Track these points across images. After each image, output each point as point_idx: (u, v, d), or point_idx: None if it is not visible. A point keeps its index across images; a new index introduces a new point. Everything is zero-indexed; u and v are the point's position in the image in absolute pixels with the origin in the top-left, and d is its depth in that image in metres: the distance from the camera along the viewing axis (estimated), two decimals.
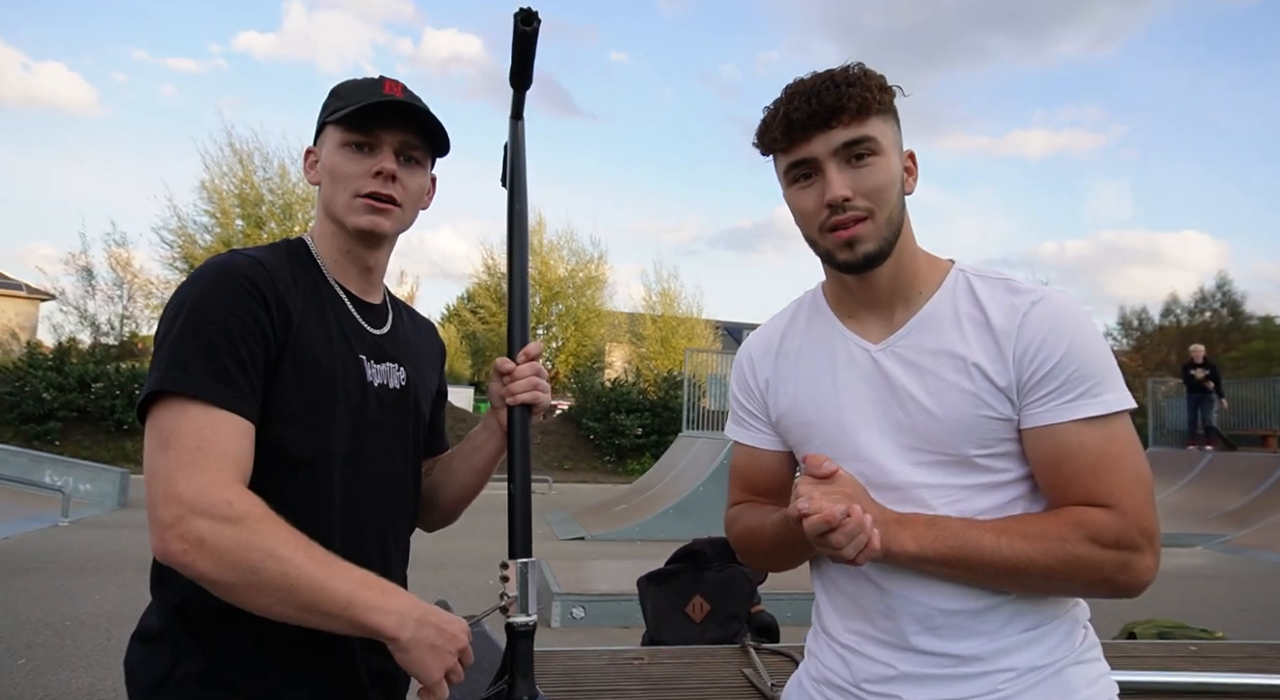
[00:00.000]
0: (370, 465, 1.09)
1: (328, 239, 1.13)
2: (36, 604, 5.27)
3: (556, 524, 10.43)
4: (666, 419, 20.42)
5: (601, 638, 4.94)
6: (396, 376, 1.15)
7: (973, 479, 0.98)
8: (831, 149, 0.94)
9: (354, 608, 0.89)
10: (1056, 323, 0.95)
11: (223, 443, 0.91)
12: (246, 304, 0.97)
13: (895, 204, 0.97)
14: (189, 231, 20.79)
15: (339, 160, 1.09)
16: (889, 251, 0.98)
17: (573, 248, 26.73)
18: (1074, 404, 0.94)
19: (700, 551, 2.61)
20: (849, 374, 1.04)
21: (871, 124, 0.95)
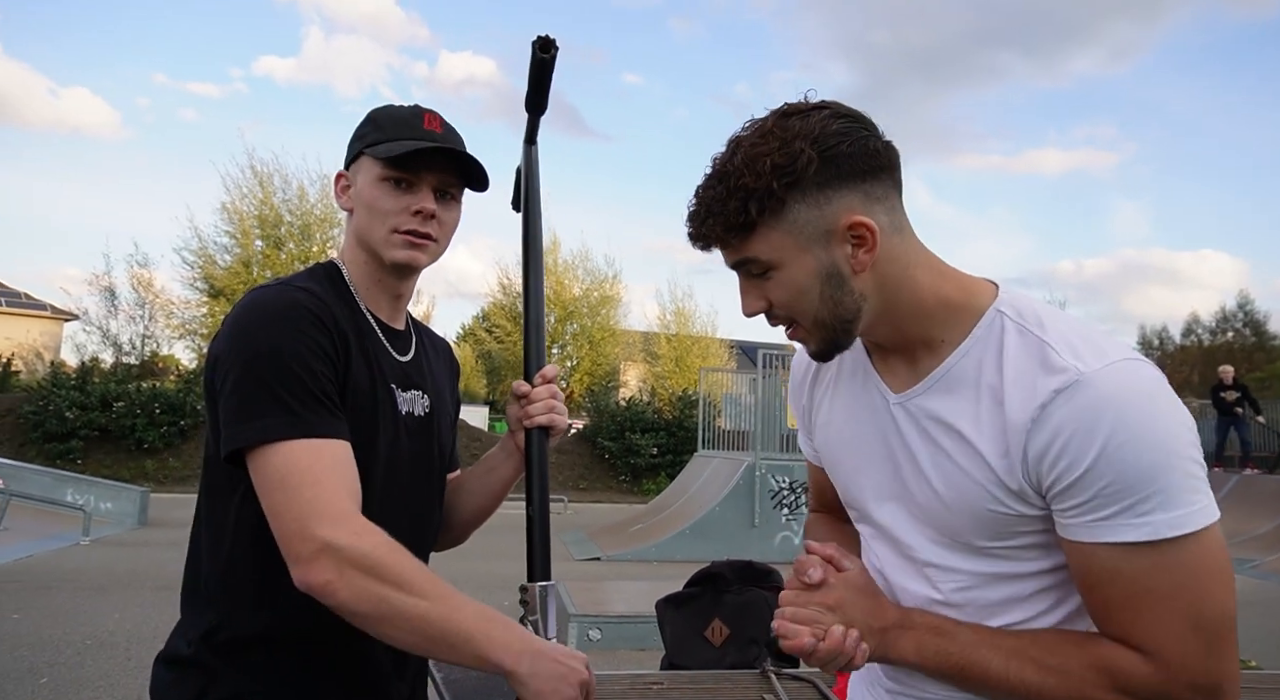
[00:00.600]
0: (403, 493, 1.11)
1: (360, 267, 1.14)
2: (58, 622, 5.31)
3: (572, 544, 10.39)
4: (682, 438, 20.35)
5: (619, 660, 4.90)
6: (421, 404, 1.16)
7: (986, 567, 0.86)
8: (730, 265, 0.86)
9: (475, 642, 0.91)
10: (1088, 421, 0.74)
11: (332, 473, 0.94)
12: (315, 337, 0.99)
13: (821, 306, 0.83)
14: (209, 252, 21.12)
15: (378, 195, 1.09)
16: (844, 342, 0.86)
17: (587, 267, 26.89)
18: (1108, 524, 0.75)
19: (720, 574, 2.60)
20: (869, 425, 0.93)
21: (754, 241, 0.81)
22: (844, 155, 0.80)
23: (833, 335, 0.85)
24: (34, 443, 16.30)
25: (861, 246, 0.82)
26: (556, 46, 1.10)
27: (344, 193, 1.14)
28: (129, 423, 16.81)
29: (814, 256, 0.82)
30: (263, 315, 0.99)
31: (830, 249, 0.82)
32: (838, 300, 0.83)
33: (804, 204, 0.80)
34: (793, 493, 10.41)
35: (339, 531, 0.91)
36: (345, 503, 0.94)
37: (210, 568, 1.04)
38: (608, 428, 21.50)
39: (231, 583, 1.02)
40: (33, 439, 16.40)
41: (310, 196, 21.45)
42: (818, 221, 0.81)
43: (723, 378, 16.43)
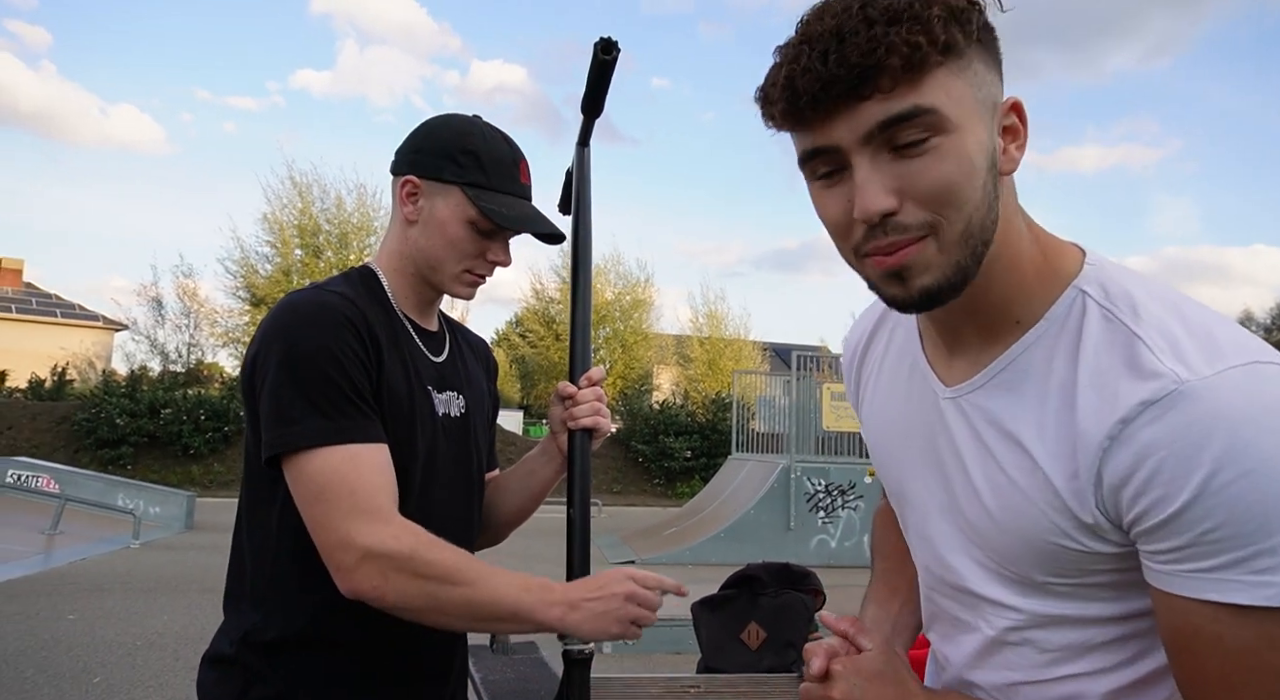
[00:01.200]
0: (442, 492, 1.12)
1: (403, 277, 1.13)
2: (110, 624, 5.46)
3: (607, 547, 10.40)
4: (715, 441, 20.25)
5: (654, 664, 4.89)
6: (457, 404, 1.16)
7: (1047, 606, 0.69)
8: (862, 134, 0.59)
9: (520, 613, 0.97)
10: (1189, 445, 0.56)
11: (368, 478, 0.96)
12: (348, 340, 0.99)
13: (979, 204, 0.61)
14: (251, 261, 21.61)
15: (462, 235, 1.09)
16: (966, 280, 0.63)
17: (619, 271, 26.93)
18: (1212, 578, 0.57)
19: (755, 577, 2.58)
20: (916, 421, 0.77)
21: (930, 85, 0.58)
22: (995, 35, 0.63)
23: (967, 258, 0.62)
24: (87, 449, 16.83)
25: (1013, 140, 0.64)
26: (619, 48, 1.08)
27: (410, 200, 1.10)
28: (176, 429, 17.28)
29: (985, 128, 0.61)
30: (296, 318, 1.00)
31: (993, 129, 0.62)
32: (991, 202, 0.62)
33: (981, 60, 0.61)
34: (828, 495, 10.29)
35: (378, 537, 0.93)
36: (382, 507, 0.95)
37: (253, 570, 1.05)
38: (641, 431, 21.48)
39: (274, 585, 1.03)
40: (86, 445, 16.94)
41: (347, 205, 21.87)
42: (989, 86, 0.62)
43: (756, 380, 16.32)
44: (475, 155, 1.09)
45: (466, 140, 1.10)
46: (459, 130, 1.12)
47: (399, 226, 1.13)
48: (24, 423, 18.01)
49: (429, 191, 1.10)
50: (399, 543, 0.94)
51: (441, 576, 0.95)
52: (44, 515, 9.41)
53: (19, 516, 9.88)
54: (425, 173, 1.10)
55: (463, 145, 1.10)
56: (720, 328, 27.15)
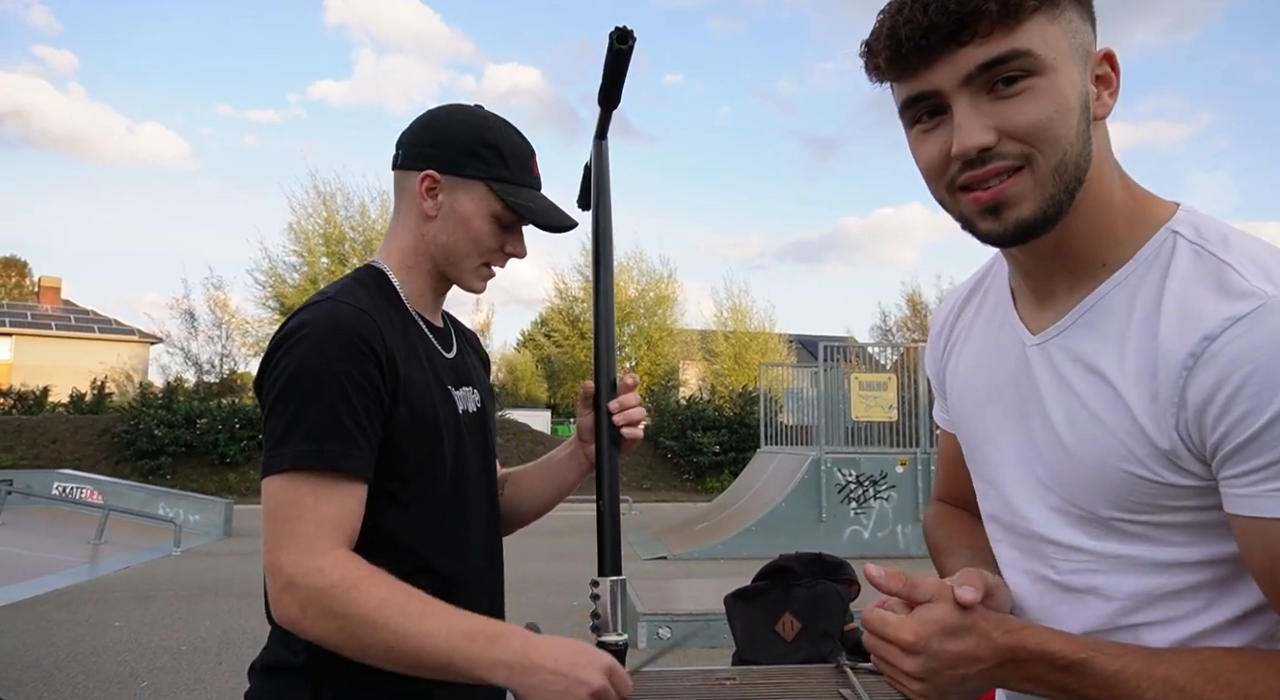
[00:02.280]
0: (472, 488, 1.11)
1: (418, 274, 1.11)
2: (154, 629, 5.59)
3: (638, 544, 10.41)
4: (744, 435, 20.19)
5: (690, 658, 4.89)
6: (473, 399, 1.15)
7: (1115, 547, 0.68)
8: (962, 77, 0.63)
9: (455, 664, 0.88)
10: (1275, 357, 0.57)
11: (322, 509, 0.91)
12: (360, 363, 0.95)
13: (1073, 142, 0.63)
14: (278, 271, 21.98)
15: (486, 230, 1.09)
16: (1059, 214, 0.65)
17: (642, 268, 26.93)
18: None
19: (788, 568, 2.56)
20: (1002, 373, 0.77)
21: (1027, 30, 0.62)
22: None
23: (1061, 193, 0.64)
24: (128, 460, 17.25)
25: (1106, 88, 0.67)
26: (634, 37, 1.05)
27: (430, 195, 1.08)
28: (212, 438, 17.63)
29: (1079, 72, 0.64)
30: (309, 335, 0.96)
31: (1086, 74, 0.65)
32: (1085, 141, 0.64)
33: (1075, 9, 0.65)
34: (860, 486, 10.20)
35: (301, 568, 0.89)
36: (319, 539, 0.90)
37: None
38: (669, 427, 21.48)
39: None
40: (126, 457, 17.36)
41: (371, 213, 22.14)
42: (1083, 34, 0.65)
43: (783, 372, 16.22)
44: (497, 149, 1.09)
45: (486, 134, 1.09)
46: (475, 123, 1.10)
47: (413, 222, 1.10)
48: (67, 436, 18.49)
49: (449, 186, 1.08)
50: (321, 577, 0.88)
51: (360, 617, 0.87)
52: (89, 526, 9.66)
53: (66, 527, 10.15)
54: (446, 168, 1.08)
55: (484, 139, 1.09)
56: (745, 321, 27.05)
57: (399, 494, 1.01)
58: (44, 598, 6.64)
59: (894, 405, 11.05)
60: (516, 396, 31.41)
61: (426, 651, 0.87)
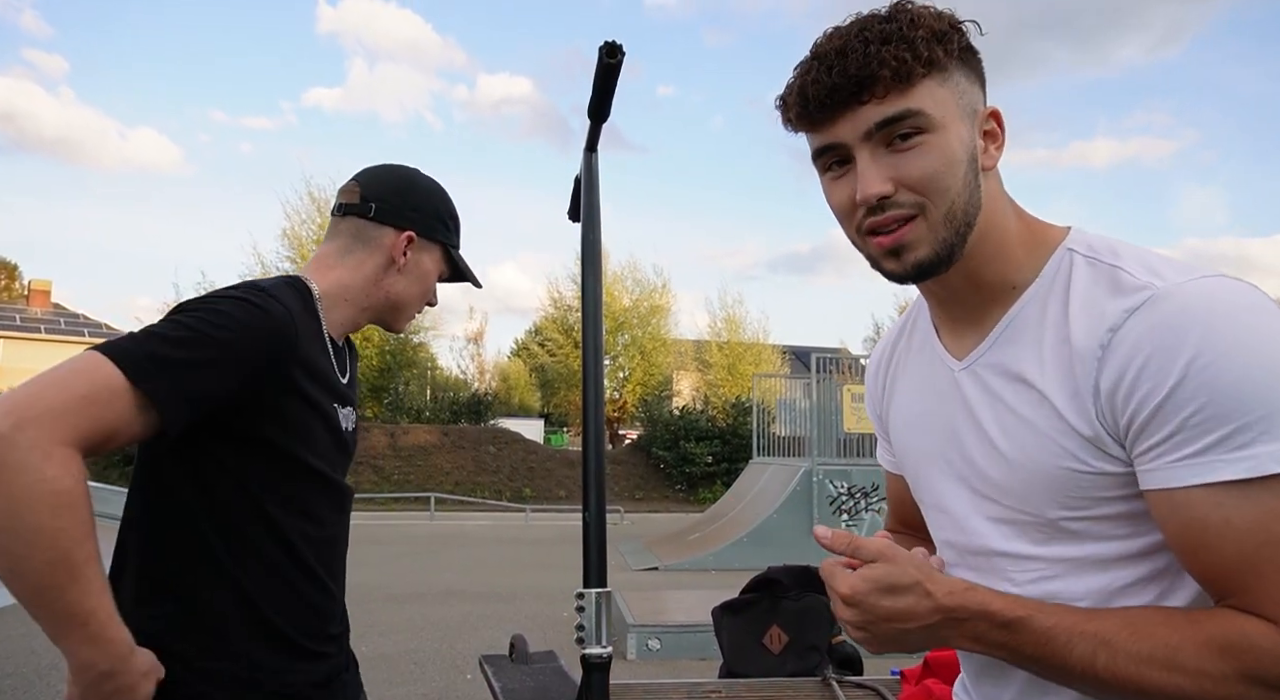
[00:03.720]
0: (340, 498, 1.19)
1: (346, 306, 1.18)
2: None
3: (629, 554, 10.39)
4: (736, 446, 20.20)
5: (678, 670, 4.87)
6: (351, 419, 1.22)
7: (1064, 549, 0.72)
8: (862, 132, 0.71)
9: (91, 621, 0.83)
10: (1171, 333, 0.63)
11: (104, 411, 0.84)
12: (251, 352, 0.96)
13: (960, 191, 0.71)
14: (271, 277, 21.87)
15: (431, 286, 1.29)
16: (954, 255, 0.73)
17: (636, 278, 27.01)
18: (1200, 461, 0.62)
19: (776, 580, 2.56)
20: (935, 402, 0.83)
21: (918, 93, 0.70)
22: (977, 57, 0.75)
23: (953, 237, 0.72)
24: (115, 466, 17.13)
25: (993, 142, 0.75)
26: (624, 52, 1.09)
27: (405, 253, 1.22)
28: None
29: (966, 129, 0.72)
30: (238, 301, 0.98)
31: (974, 131, 0.73)
32: (973, 190, 0.72)
33: (962, 74, 0.73)
34: (851, 498, 10.22)
35: (27, 435, 0.79)
36: (69, 425, 0.82)
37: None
38: (662, 437, 21.48)
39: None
40: (114, 462, 17.24)
41: None
42: (970, 95, 0.73)
43: (776, 383, 16.25)
44: (456, 220, 1.30)
45: (446, 205, 1.29)
46: (440, 194, 1.29)
47: (373, 269, 1.20)
48: None
49: (419, 247, 1.24)
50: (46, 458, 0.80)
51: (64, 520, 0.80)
52: None
53: None
54: (424, 232, 1.24)
55: (449, 210, 1.29)
56: (739, 332, 27.13)
57: (268, 480, 1.03)
58: None
59: None
60: (509, 405, 31.36)
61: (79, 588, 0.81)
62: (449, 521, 14.92)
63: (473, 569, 8.79)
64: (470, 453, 21.59)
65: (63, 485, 0.81)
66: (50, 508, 0.80)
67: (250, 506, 1.02)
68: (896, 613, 0.69)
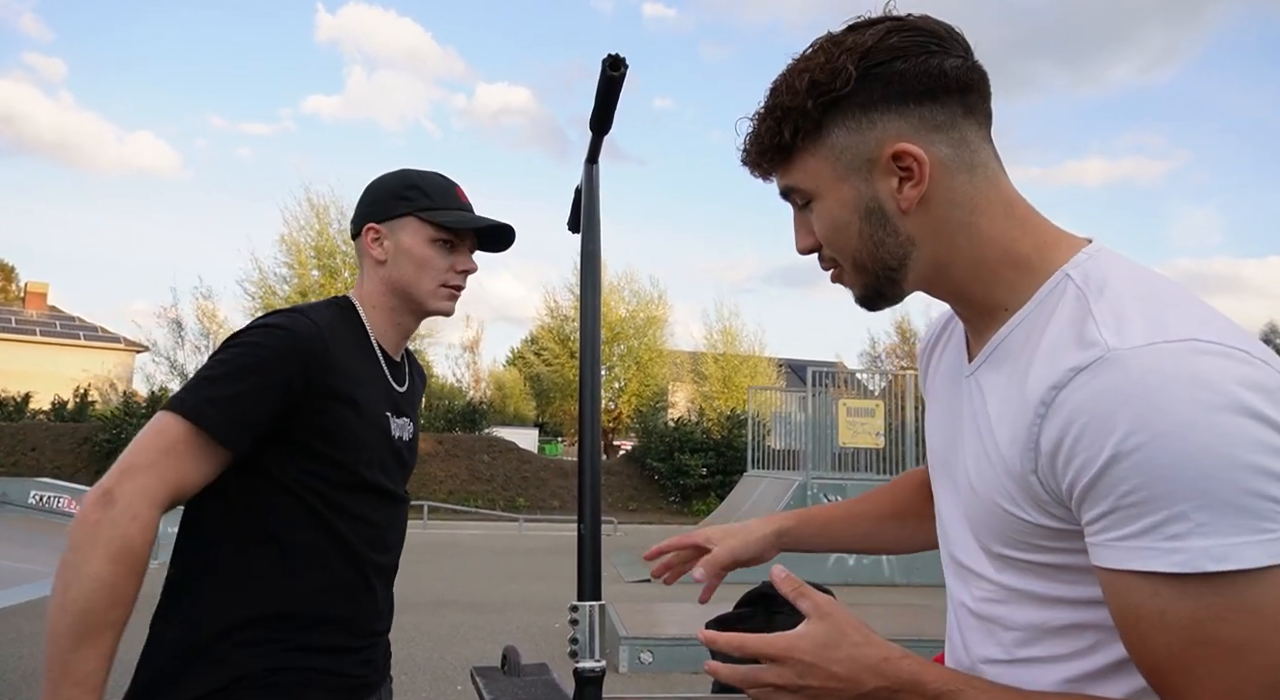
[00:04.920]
0: (389, 507, 1.25)
1: (382, 312, 1.28)
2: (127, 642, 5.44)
3: (622, 565, 10.34)
4: (731, 458, 20.17)
5: (670, 684, 4.84)
6: (408, 430, 1.30)
7: (1011, 579, 0.71)
8: (780, 194, 0.78)
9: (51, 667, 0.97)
10: (1107, 407, 0.58)
11: (181, 466, 1.05)
12: (286, 364, 1.10)
13: (861, 245, 0.73)
14: (269, 283, 21.90)
15: (430, 254, 1.25)
16: (888, 292, 0.75)
17: (633, 288, 27.04)
18: (1133, 545, 0.58)
19: (771, 594, 2.54)
20: (950, 401, 0.82)
21: (794, 168, 0.74)
22: (896, 73, 0.69)
23: (874, 281, 0.75)
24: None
25: (909, 180, 0.71)
26: (626, 65, 1.09)
27: (376, 244, 1.26)
28: None
29: (853, 187, 0.72)
30: (267, 329, 1.13)
31: (873, 181, 0.71)
32: (879, 241, 0.72)
33: (844, 128, 0.71)
34: None
35: (123, 504, 1.00)
36: (151, 492, 1.02)
37: None
38: (657, 448, 21.44)
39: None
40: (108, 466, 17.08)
41: None
42: (858, 147, 0.71)
43: (771, 396, 16.26)
44: (419, 187, 1.27)
45: (407, 178, 1.28)
46: (399, 175, 1.29)
47: (371, 271, 1.28)
48: (47, 444, 18.24)
49: (389, 231, 1.26)
50: (119, 527, 0.99)
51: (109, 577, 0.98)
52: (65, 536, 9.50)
53: (41, 537, 9.97)
54: (382, 216, 1.27)
55: (407, 182, 1.28)
56: (735, 344, 27.13)
57: (320, 487, 1.14)
58: (15, 609, 6.50)
59: (881, 432, 11.08)
60: (504, 414, 31.30)
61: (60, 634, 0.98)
62: (441, 530, 14.84)
63: (465, 579, 8.74)
64: (464, 461, 21.52)
65: (124, 542, 1.00)
66: (112, 560, 0.99)
67: (304, 511, 1.13)
68: (834, 675, 0.66)
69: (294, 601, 1.13)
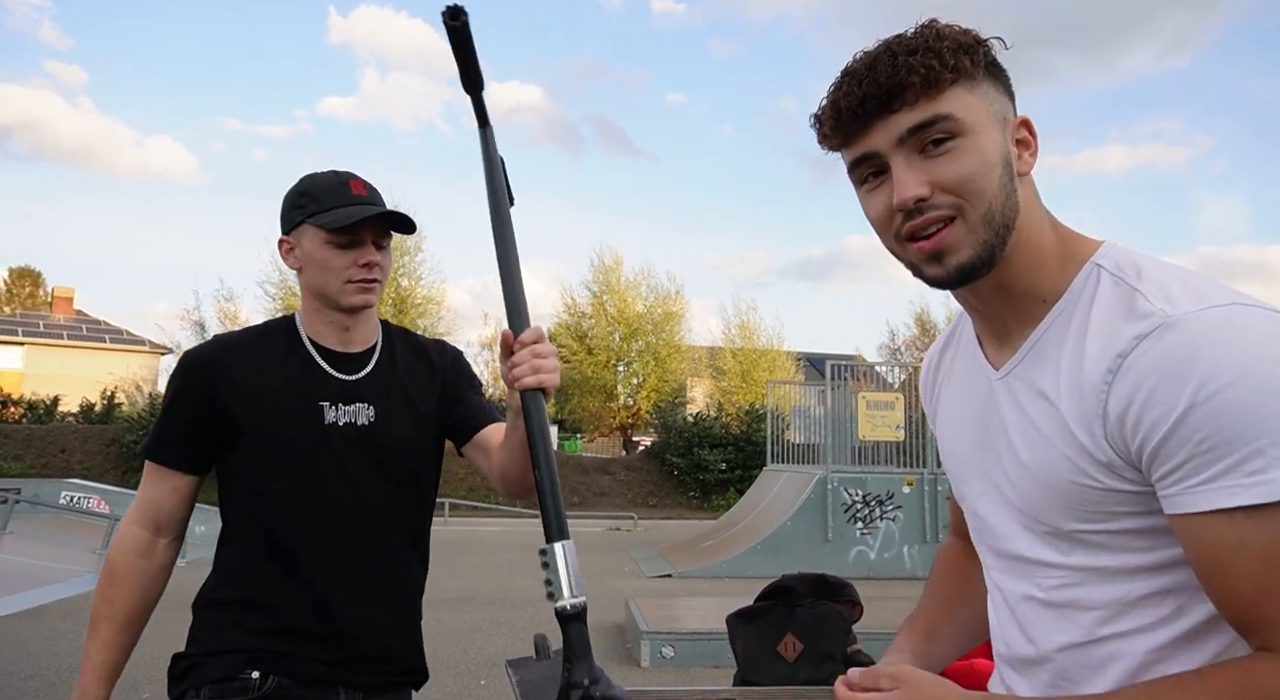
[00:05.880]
0: (335, 490, 1.30)
1: (314, 314, 1.38)
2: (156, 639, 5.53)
3: (643, 561, 10.36)
4: (750, 453, 20.13)
5: (692, 678, 4.85)
6: (365, 414, 1.34)
7: (1085, 559, 0.74)
8: (896, 138, 0.73)
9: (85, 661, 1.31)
10: (1176, 365, 0.64)
11: (147, 491, 1.34)
12: (189, 386, 1.32)
13: (997, 193, 0.72)
14: (289, 284, 22.12)
15: (328, 256, 1.32)
16: (995, 257, 0.73)
17: (650, 284, 27.02)
18: (1214, 486, 0.63)
19: (791, 588, 2.55)
20: (975, 409, 0.85)
21: (948, 98, 0.72)
22: (1002, 68, 0.77)
23: (993, 238, 0.73)
24: (136, 470, 17.32)
25: (1026, 149, 0.77)
26: (466, 12, 1.03)
27: (289, 254, 1.36)
28: None
29: (999, 134, 0.74)
30: (177, 364, 1.37)
31: (1006, 137, 0.75)
32: (1009, 193, 0.74)
33: (991, 84, 0.75)
34: (866, 506, 10.14)
35: (119, 531, 1.35)
36: (135, 511, 1.34)
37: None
38: (676, 444, 21.44)
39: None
40: (134, 467, 17.44)
41: None
42: (1000, 103, 0.75)
43: (790, 390, 16.18)
44: (308, 193, 1.34)
45: (300, 186, 1.36)
46: (296, 186, 1.37)
47: (301, 282, 1.39)
48: (75, 446, 18.60)
49: (296, 241, 1.35)
50: (116, 541, 1.34)
51: (101, 588, 1.33)
52: (96, 535, 9.69)
53: (72, 537, 10.18)
54: (285, 227, 1.36)
55: (298, 191, 1.35)
56: (753, 339, 27.03)
57: (252, 481, 1.32)
58: (48, 607, 6.65)
59: (901, 425, 11.01)
60: None
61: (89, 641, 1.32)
62: (462, 527, 14.95)
63: (487, 575, 8.80)
64: None
65: (110, 557, 1.34)
66: (103, 570, 1.33)
67: (237, 504, 1.35)
68: None
69: (242, 588, 1.33)
